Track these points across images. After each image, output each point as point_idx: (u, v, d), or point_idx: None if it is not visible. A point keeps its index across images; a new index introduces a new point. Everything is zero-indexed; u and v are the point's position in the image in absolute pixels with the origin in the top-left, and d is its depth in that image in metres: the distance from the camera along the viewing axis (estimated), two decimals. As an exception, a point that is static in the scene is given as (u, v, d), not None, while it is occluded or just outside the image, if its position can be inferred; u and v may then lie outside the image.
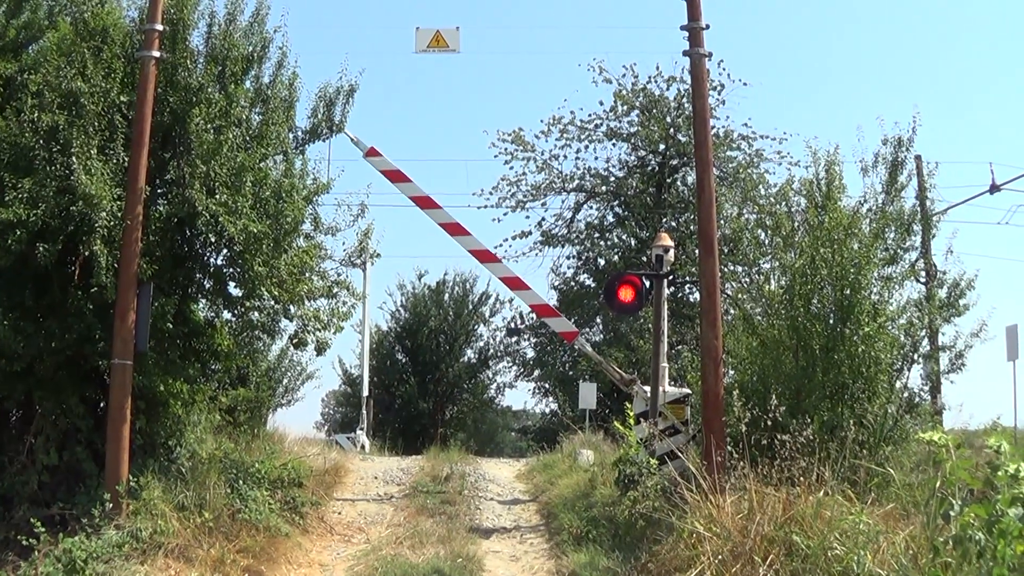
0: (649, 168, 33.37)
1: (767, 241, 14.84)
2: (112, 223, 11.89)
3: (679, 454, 13.22)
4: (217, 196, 12.44)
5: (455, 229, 17.44)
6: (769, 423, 10.91)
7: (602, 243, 33.81)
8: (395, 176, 17.33)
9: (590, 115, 32.43)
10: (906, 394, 13.56)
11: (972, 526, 6.06)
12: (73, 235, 11.93)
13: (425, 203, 17.27)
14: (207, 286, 13.93)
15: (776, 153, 31.30)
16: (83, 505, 11.40)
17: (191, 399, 13.66)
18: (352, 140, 17.21)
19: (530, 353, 38.27)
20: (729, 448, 11.36)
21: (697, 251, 14.83)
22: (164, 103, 12.99)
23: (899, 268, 14.01)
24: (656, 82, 32.17)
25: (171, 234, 12.98)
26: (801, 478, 9.88)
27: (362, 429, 30.89)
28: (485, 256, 17.91)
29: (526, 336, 37.70)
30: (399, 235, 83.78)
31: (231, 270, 13.52)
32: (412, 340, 41.32)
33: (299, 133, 15.05)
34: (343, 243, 16.56)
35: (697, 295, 26.56)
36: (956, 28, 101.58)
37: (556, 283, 34.62)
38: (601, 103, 33.02)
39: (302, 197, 13.88)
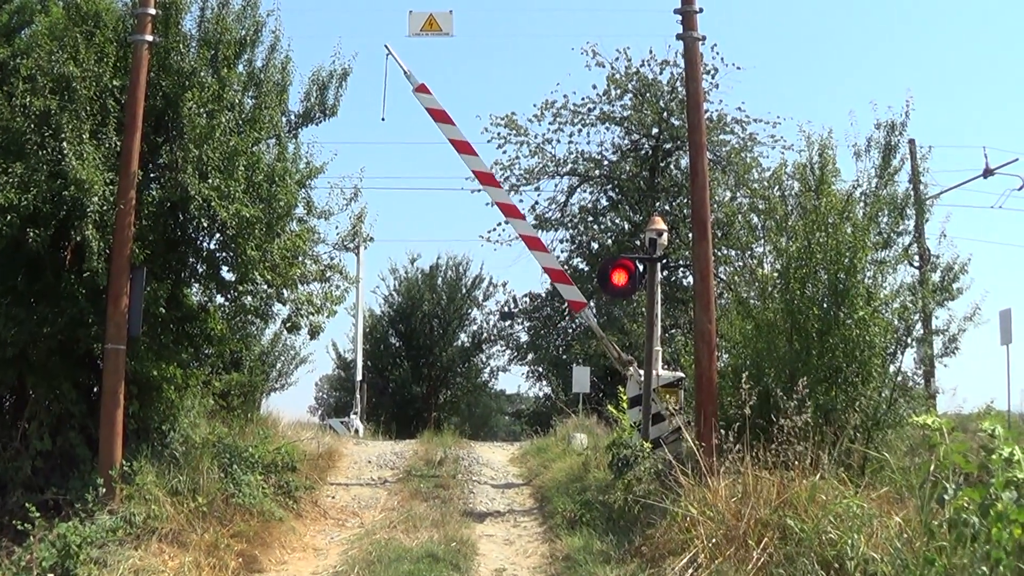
0: (642, 152, 33.36)
1: (760, 225, 14.84)
2: (104, 208, 11.84)
3: (677, 437, 13.24)
4: (210, 180, 12.40)
5: (487, 179, 18.33)
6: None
7: (595, 227, 33.77)
8: (440, 116, 17.59)
9: (583, 99, 32.49)
10: (900, 378, 13.58)
11: (966, 510, 6.10)
12: (65, 220, 11.85)
13: (463, 148, 17.63)
14: (200, 270, 13.87)
15: (770, 137, 31.45)
16: (77, 490, 11.39)
17: (184, 384, 13.66)
18: (405, 73, 17.51)
19: (523, 337, 38.20)
20: (723, 431, 11.38)
21: (690, 235, 14.84)
22: (157, 87, 12.93)
23: (893, 252, 14.01)
24: (649, 66, 32.24)
25: (164, 219, 12.92)
26: (796, 462, 9.91)
27: (356, 413, 30.97)
28: (511, 210, 18.74)
29: (519, 320, 37.69)
30: (392, 219, 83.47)
31: (224, 254, 13.48)
32: (406, 324, 41.38)
33: (292, 117, 14.98)
34: (336, 227, 16.46)
35: (691, 279, 26.62)
36: (949, 12, 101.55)
37: (550, 266, 34.43)
38: (594, 87, 33.20)
39: (295, 181, 13.87)
